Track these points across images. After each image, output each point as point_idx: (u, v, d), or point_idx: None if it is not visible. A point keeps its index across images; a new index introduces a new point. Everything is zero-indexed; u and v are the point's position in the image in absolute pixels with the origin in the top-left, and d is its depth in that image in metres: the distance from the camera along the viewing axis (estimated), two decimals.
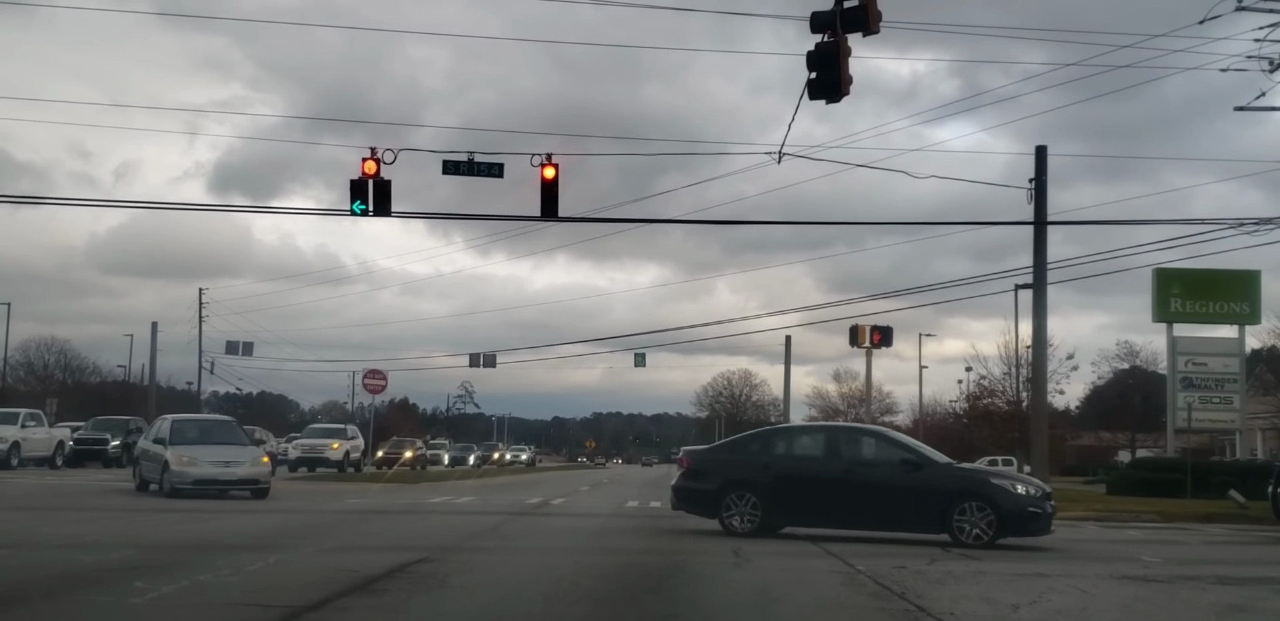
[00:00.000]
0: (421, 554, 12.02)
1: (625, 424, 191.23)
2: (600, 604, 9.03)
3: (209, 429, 25.13)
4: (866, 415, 45.06)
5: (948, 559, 13.57)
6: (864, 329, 26.95)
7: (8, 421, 35.62)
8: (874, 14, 13.30)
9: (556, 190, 20.78)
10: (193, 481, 22.05)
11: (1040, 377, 30.56)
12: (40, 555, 11.66)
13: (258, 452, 24.84)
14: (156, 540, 13.59)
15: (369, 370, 45.23)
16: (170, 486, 22.12)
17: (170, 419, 25.45)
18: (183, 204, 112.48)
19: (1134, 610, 9.81)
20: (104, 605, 8.25)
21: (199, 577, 9.62)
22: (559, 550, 13.58)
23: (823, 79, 14.10)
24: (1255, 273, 35.03)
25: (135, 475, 24.92)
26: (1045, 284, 28.53)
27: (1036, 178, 27.39)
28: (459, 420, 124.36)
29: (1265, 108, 25.38)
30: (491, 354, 57.99)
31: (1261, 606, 10.37)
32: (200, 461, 22.41)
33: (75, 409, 54.11)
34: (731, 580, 10.99)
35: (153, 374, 64.60)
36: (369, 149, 20.69)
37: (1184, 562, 14.12)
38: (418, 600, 8.81)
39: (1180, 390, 33.74)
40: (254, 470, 23.14)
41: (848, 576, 11.26)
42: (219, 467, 22.53)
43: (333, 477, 38.00)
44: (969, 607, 9.15)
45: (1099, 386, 74.98)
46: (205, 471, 22.28)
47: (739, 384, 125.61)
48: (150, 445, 24.15)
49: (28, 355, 72.99)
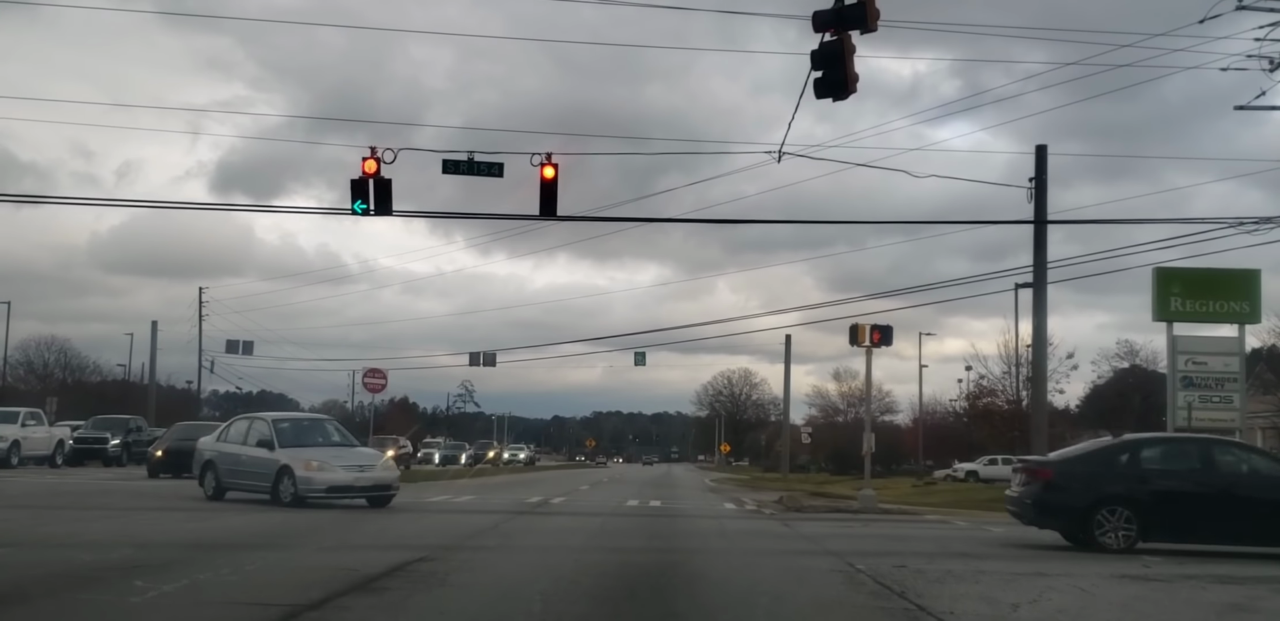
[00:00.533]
0: (421, 552, 12.01)
1: (625, 423, 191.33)
2: (600, 602, 9.03)
3: (313, 429, 22.59)
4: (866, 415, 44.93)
5: (947, 558, 13.56)
6: (864, 328, 26.85)
7: (8, 420, 35.61)
8: (872, 12, 13.30)
9: (556, 189, 20.76)
10: (326, 489, 19.86)
11: (1040, 377, 30.57)
12: (40, 553, 11.65)
13: (381, 455, 23.02)
14: (156, 539, 13.58)
15: (369, 369, 45.15)
16: (295, 495, 19.68)
17: (269, 418, 22.44)
18: (184, 203, 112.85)
19: (1134, 609, 9.80)
20: (104, 604, 8.24)
21: (199, 576, 9.61)
22: (559, 549, 13.57)
23: (829, 78, 14.10)
24: (1255, 272, 34.93)
25: (207, 481, 21.77)
26: (1045, 283, 28.53)
27: (1036, 177, 27.39)
28: (459, 419, 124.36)
29: (1265, 107, 25.38)
30: (491, 353, 57.87)
31: (1262, 605, 10.36)
32: (332, 466, 20.07)
33: (75, 408, 54.07)
34: (731, 578, 10.98)
35: (153, 373, 64.63)
36: (369, 148, 20.68)
37: (1184, 562, 14.11)
38: (418, 599, 8.80)
39: (1180, 389, 33.67)
40: (385, 474, 20.98)
41: (847, 575, 11.25)
42: (353, 472, 20.26)
43: None
44: (969, 606, 9.15)
45: (1099, 385, 74.94)
46: (338, 477, 19.99)
47: (739, 383, 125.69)
48: (243, 448, 21.27)
49: (27, 354, 72.98)
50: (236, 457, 21.31)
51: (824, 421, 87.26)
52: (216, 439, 22.54)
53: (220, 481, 21.42)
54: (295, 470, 19.79)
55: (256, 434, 21.43)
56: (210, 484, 21.61)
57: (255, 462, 20.76)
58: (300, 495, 19.68)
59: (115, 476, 31.32)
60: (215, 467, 21.57)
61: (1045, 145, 27.92)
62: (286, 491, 19.83)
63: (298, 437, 21.27)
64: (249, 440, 21.43)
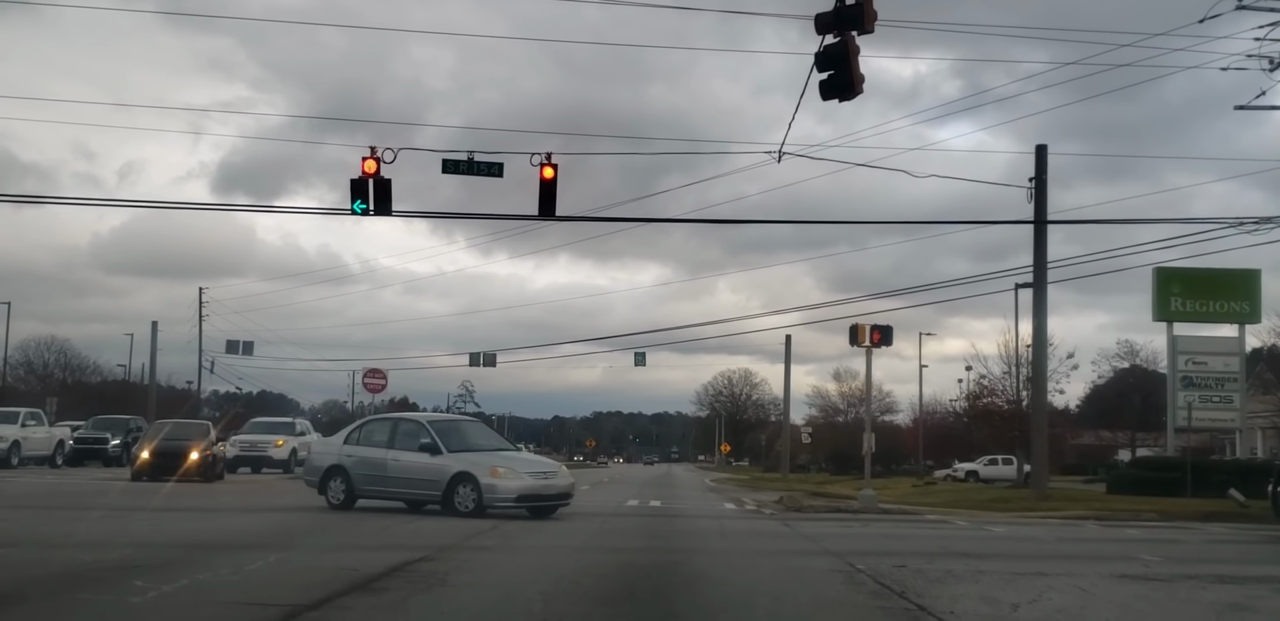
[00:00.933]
0: (422, 552, 12.02)
1: (625, 423, 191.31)
2: (600, 602, 9.03)
3: (473, 431, 20.86)
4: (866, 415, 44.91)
5: (947, 557, 13.56)
6: (864, 328, 26.89)
7: (8, 420, 35.63)
8: (869, 13, 13.33)
9: (555, 189, 20.77)
10: (515, 497, 18.23)
11: (1040, 377, 30.58)
12: (40, 554, 11.65)
13: (556, 461, 21.69)
14: (156, 539, 13.58)
15: (369, 369, 45.25)
16: (479, 504, 18.02)
17: (423, 420, 20.84)
18: (184, 203, 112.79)
19: (1134, 609, 9.80)
20: (104, 604, 8.24)
21: (199, 577, 9.61)
22: (559, 549, 13.58)
23: (834, 79, 14.12)
24: (1255, 272, 35.04)
25: (332, 488, 19.56)
26: (1045, 283, 28.55)
27: (1036, 177, 27.42)
28: None
29: (1265, 107, 25.40)
30: (491, 353, 57.93)
31: (1262, 605, 10.36)
32: (519, 472, 18.56)
33: (75, 408, 54.10)
34: (732, 579, 10.98)
35: (153, 373, 64.65)
36: (369, 148, 20.70)
37: (1184, 561, 14.12)
38: (418, 599, 8.80)
39: (1180, 389, 33.75)
40: (564, 482, 19.39)
41: (848, 575, 11.26)
42: (539, 479, 18.73)
43: None
44: (969, 606, 9.15)
45: (1099, 385, 74.92)
46: (527, 484, 18.37)
47: (739, 383, 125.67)
48: (392, 452, 19.28)
49: (27, 354, 72.97)
50: (380, 463, 19.26)
51: (824, 421, 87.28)
52: (345, 442, 20.19)
53: (355, 488, 19.36)
54: (479, 477, 18.14)
55: (410, 437, 19.47)
56: (338, 491, 19.43)
57: (417, 469, 18.82)
58: (486, 504, 18.03)
59: (115, 477, 31.26)
60: (347, 473, 19.44)
61: (1045, 145, 27.97)
62: (465, 500, 18.13)
63: (463, 441, 19.59)
64: (398, 444, 19.42)
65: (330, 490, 19.60)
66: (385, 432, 20.02)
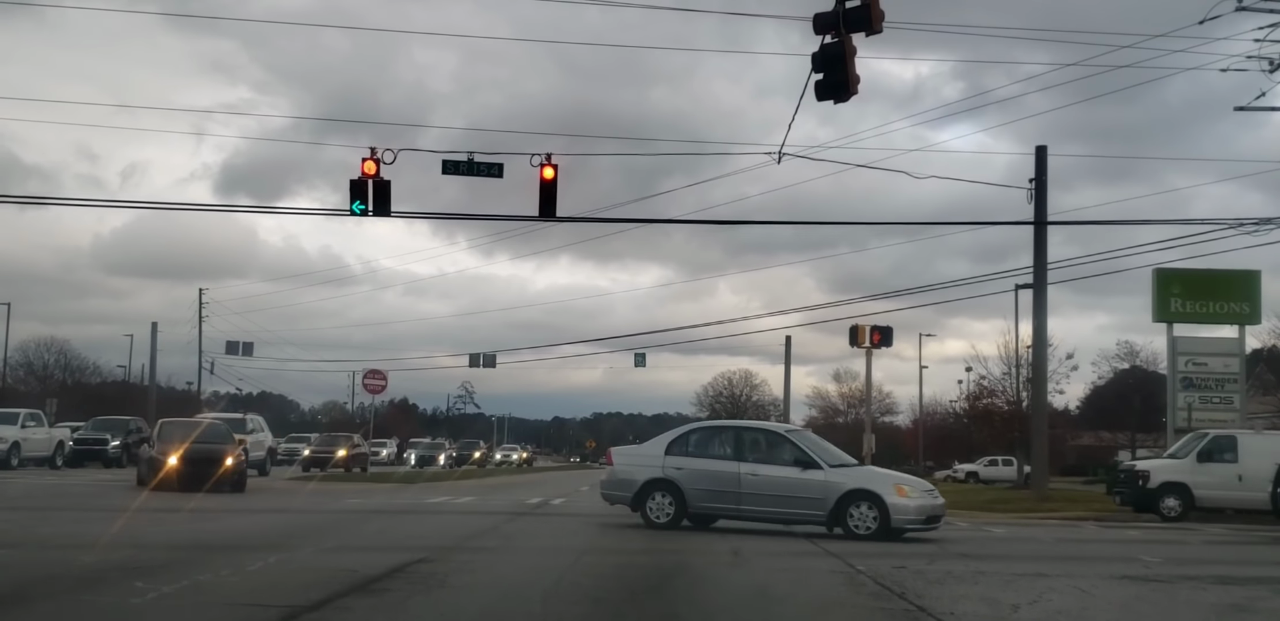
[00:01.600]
0: (421, 553, 12.02)
1: (625, 424, 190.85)
2: (600, 603, 9.03)
3: (824, 443, 18.99)
4: (866, 416, 44.99)
5: (947, 558, 13.57)
6: (864, 329, 26.98)
7: (8, 421, 35.60)
8: (876, 13, 13.31)
9: (555, 190, 20.80)
10: (925, 518, 16.73)
11: (1040, 377, 30.61)
12: (40, 554, 11.66)
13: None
14: (156, 540, 13.58)
15: (369, 370, 45.20)
16: (884, 525, 16.28)
17: (780, 430, 19.25)
18: (185, 204, 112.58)
19: (1134, 610, 9.82)
20: (104, 605, 8.24)
21: (199, 577, 9.61)
22: (559, 550, 13.57)
23: (830, 79, 14.12)
24: (1255, 273, 35.04)
25: (656, 504, 17.38)
26: (1045, 284, 28.57)
27: (1036, 178, 27.44)
28: (459, 420, 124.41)
29: (1265, 108, 25.44)
30: (491, 354, 58.00)
31: (1262, 606, 10.38)
32: (919, 490, 17.19)
33: (75, 409, 54.10)
34: (731, 580, 10.99)
35: (153, 374, 64.68)
36: (369, 149, 20.75)
37: (1184, 562, 14.13)
38: (418, 600, 8.80)
39: (1180, 390, 33.76)
40: (941, 499, 17.93)
41: (848, 576, 11.26)
42: (932, 498, 17.24)
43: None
44: (969, 607, 9.16)
45: (1099, 386, 75.02)
46: (927, 503, 16.90)
47: (739, 384, 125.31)
48: (747, 466, 17.23)
49: (27, 355, 72.99)
50: (729, 478, 17.21)
51: (824, 422, 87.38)
52: (668, 452, 17.81)
53: (689, 505, 17.33)
54: (884, 496, 16.42)
55: (769, 449, 17.69)
56: (663, 507, 17.31)
57: (788, 485, 16.95)
58: (894, 526, 16.31)
59: (115, 478, 31.27)
60: (676, 488, 17.31)
61: (1045, 146, 28.01)
62: (864, 520, 16.38)
63: (829, 454, 17.92)
64: (750, 456, 17.46)
65: (652, 506, 17.32)
66: (728, 443, 17.98)
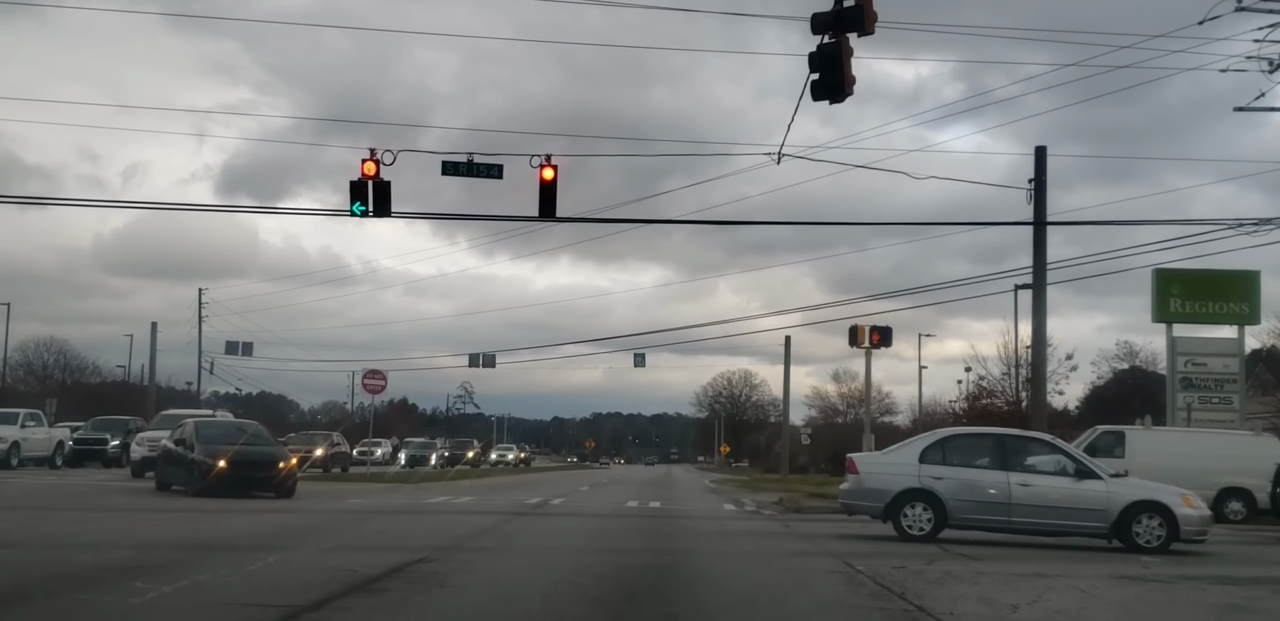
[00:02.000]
0: (421, 553, 12.03)
1: (625, 424, 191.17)
2: (600, 603, 9.03)
3: (1045, 452, 17.45)
4: (866, 416, 44.98)
5: (947, 559, 13.58)
6: (863, 329, 26.99)
7: (7, 421, 35.63)
8: (869, 15, 13.34)
9: (555, 191, 20.81)
10: (1207, 529, 16.24)
11: (1040, 378, 30.59)
12: (40, 554, 11.66)
13: None
14: (156, 540, 13.60)
15: (368, 370, 45.08)
16: (1168, 537, 15.71)
17: (1045, 437, 18.28)
18: (186, 204, 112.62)
19: (1133, 610, 9.82)
20: (104, 605, 8.25)
21: (199, 577, 9.62)
22: (558, 550, 13.59)
23: (826, 80, 14.14)
24: (1255, 273, 35.01)
25: (914, 516, 16.37)
26: (1045, 284, 28.54)
27: (1036, 178, 27.40)
28: (459, 420, 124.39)
29: (1265, 108, 25.43)
30: (491, 354, 58.01)
31: (1261, 606, 10.38)
32: (1198, 501, 16.44)
33: (75, 409, 54.10)
34: (731, 580, 10.99)
35: (152, 374, 64.68)
36: (369, 150, 20.77)
37: (1183, 563, 14.13)
38: (417, 600, 8.81)
39: (1180, 390, 33.74)
40: None
41: (847, 576, 11.27)
42: (1206, 509, 16.70)
43: None
44: (968, 607, 9.16)
45: (1098, 386, 74.91)
46: (1205, 513, 16.38)
47: (739, 384, 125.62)
48: (1015, 476, 16.27)
49: (27, 355, 72.97)
50: (996, 488, 16.26)
51: (824, 422, 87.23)
52: (922, 460, 16.72)
53: (950, 516, 16.36)
54: (1172, 507, 15.77)
55: (1039, 458, 16.83)
56: (921, 519, 16.31)
57: (1064, 497, 16.11)
58: (1183, 538, 15.74)
59: (115, 477, 31.30)
60: (936, 499, 16.32)
61: (1044, 146, 27.93)
62: (1149, 533, 15.69)
63: (1094, 461, 17.31)
64: (1014, 464, 16.54)
65: (909, 518, 16.36)
66: (991, 451, 16.94)
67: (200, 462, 23.12)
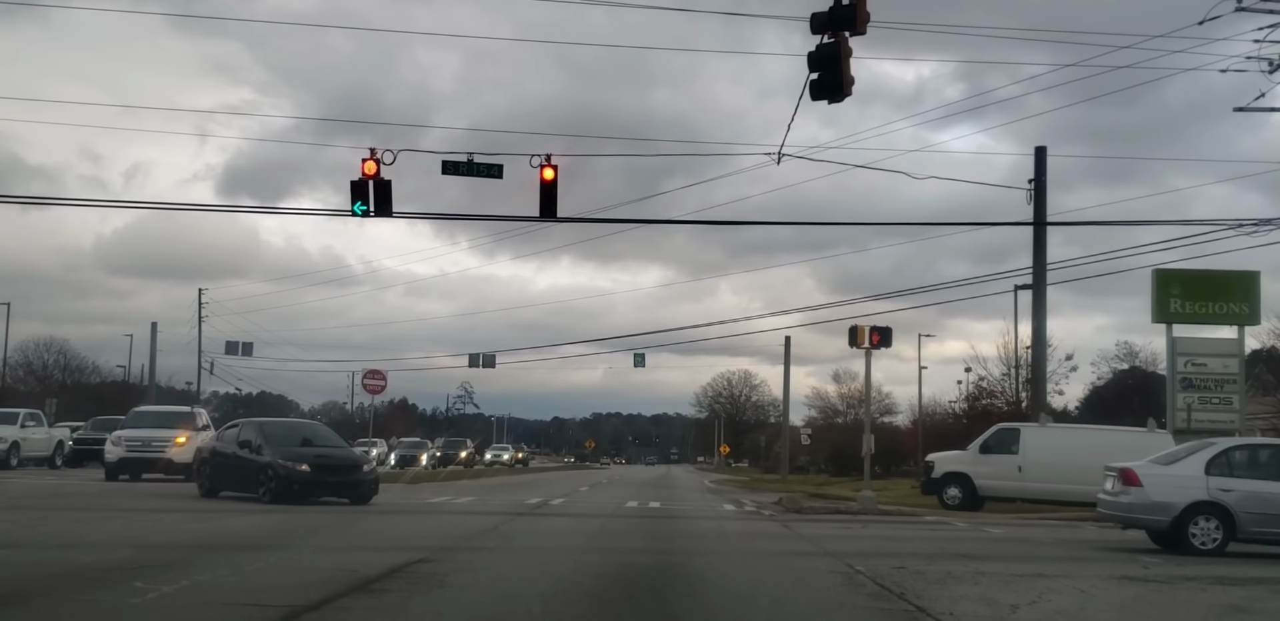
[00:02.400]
0: (421, 554, 12.02)
1: (625, 424, 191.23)
2: (600, 603, 9.03)
3: None
4: (866, 416, 44.93)
5: (946, 559, 13.57)
6: (863, 329, 26.86)
7: (7, 421, 35.63)
8: (862, 15, 13.38)
9: (555, 191, 20.81)
10: None
11: (1040, 378, 30.64)
12: (40, 554, 11.66)
13: None
14: (156, 540, 13.59)
15: (368, 370, 45.23)
16: None
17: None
18: (187, 204, 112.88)
19: (1133, 610, 9.82)
20: (104, 605, 8.24)
21: (198, 577, 9.62)
22: (558, 550, 13.58)
23: (824, 80, 14.16)
24: (1255, 273, 34.99)
25: (1202, 531, 15.87)
26: (1045, 284, 28.59)
27: (1036, 178, 27.45)
28: (459, 420, 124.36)
29: (1265, 108, 25.44)
30: (491, 354, 57.98)
31: (1261, 606, 10.38)
32: None
33: (74, 409, 54.07)
34: (731, 580, 10.99)
35: (152, 374, 64.67)
36: (369, 150, 20.78)
37: (1183, 563, 14.12)
38: (417, 600, 8.81)
39: (1180, 391, 33.71)
40: None
41: (847, 576, 11.27)
42: None
43: None
44: (968, 608, 9.16)
45: (1098, 387, 74.86)
46: None
47: (739, 384, 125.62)
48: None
49: (27, 355, 72.88)
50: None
51: (823, 423, 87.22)
52: (1208, 472, 16.09)
53: (1240, 530, 15.85)
54: None
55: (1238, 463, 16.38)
56: (1209, 533, 15.81)
57: None
58: None
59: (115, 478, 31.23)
60: (1227, 512, 15.79)
61: (1044, 147, 28.04)
62: None
63: None
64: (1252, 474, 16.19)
65: (1196, 532, 15.86)
66: (1277, 462, 16.59)
67: (279, 467, 21.11)
